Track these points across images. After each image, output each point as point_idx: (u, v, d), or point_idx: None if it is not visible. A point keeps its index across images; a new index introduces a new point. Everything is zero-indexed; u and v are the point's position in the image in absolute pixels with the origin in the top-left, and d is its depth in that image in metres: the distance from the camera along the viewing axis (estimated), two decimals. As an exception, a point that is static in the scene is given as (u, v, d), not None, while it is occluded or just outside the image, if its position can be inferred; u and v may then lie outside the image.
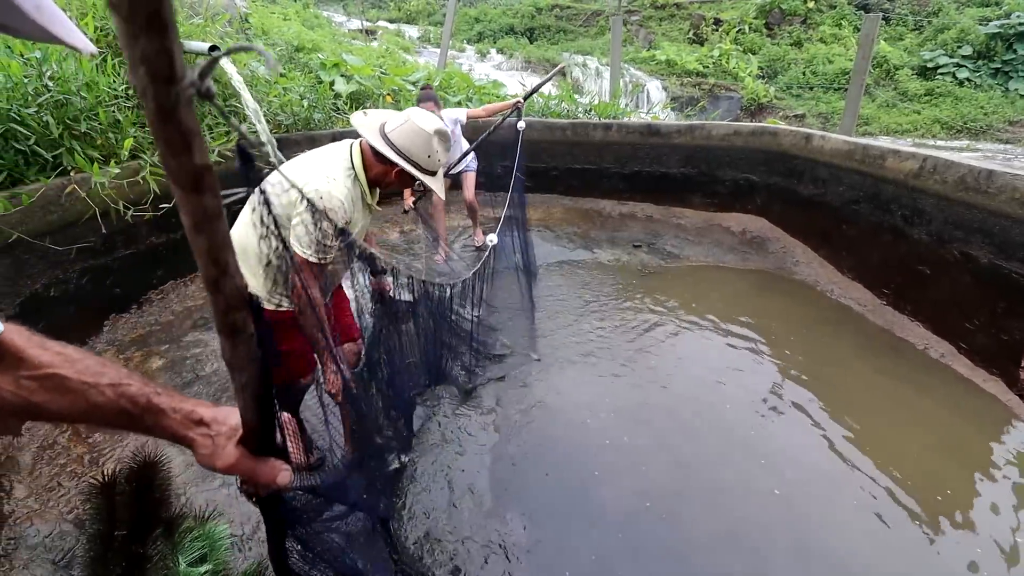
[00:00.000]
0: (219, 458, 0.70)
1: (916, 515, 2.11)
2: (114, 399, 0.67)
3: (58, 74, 2.80)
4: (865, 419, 2.61)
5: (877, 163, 3.77)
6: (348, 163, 1.76)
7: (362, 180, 1.78)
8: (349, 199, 1.70)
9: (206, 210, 0.50)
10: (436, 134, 1.76)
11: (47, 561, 1.78)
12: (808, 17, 15.84)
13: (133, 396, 0.68)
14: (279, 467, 0.73)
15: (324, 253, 1.67)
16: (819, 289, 3.95)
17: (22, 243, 2.54)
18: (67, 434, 2.40)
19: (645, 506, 2.13)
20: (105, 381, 0.67)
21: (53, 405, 0.65)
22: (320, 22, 11.42)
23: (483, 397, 2.75)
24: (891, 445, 2.46)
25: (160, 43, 0.40)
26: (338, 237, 1.58)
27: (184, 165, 0.47)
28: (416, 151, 1.74)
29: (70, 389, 0.66)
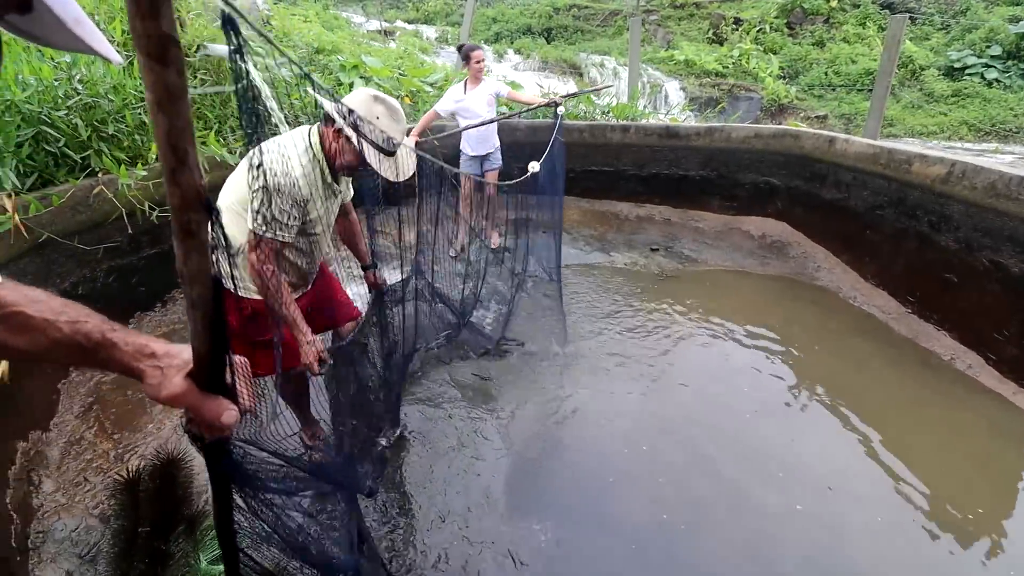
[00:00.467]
0: (165, 388, 0.70)
1: (945, 533, 2.06)
2: (71, 335, 0.69)
3: (87, 77, 2.86)
4: (890, 431, 2.56)
5: (903, 168, 3.69)
6: (306, 143, 1.78)
7: (320, 159, 1.79)
8: (307, 179, 1.71)
9: (168, 86, 0.50)
10: (376, 98, 1.75)
11: (73, 555, 1.83)
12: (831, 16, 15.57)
13: (88, 332, 0.69)
14: (225, 405, 0.72)
15: (280, 229, 1.69)
16: (841, 296, 3.89)
17: (52, 243, 2.60)
18: (94, 430, 2.46)
19: (662, 517, 2.11)
20: (64, 319, 0.69)
21: (13, 343, 0.68)
22: (339, 23, 11.53)
23: (499, 400, 2.75)
24: (918, 459, 2.40)
25: None
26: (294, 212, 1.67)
27: (150, 30, 0.47)
28: (357, 112, 1.72)
29: (31, 327, 0.67)
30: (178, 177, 0.53)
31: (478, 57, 4.12)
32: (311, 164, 1.75)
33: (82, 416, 2.51)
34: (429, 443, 2.46)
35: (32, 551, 1.80)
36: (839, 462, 2.39)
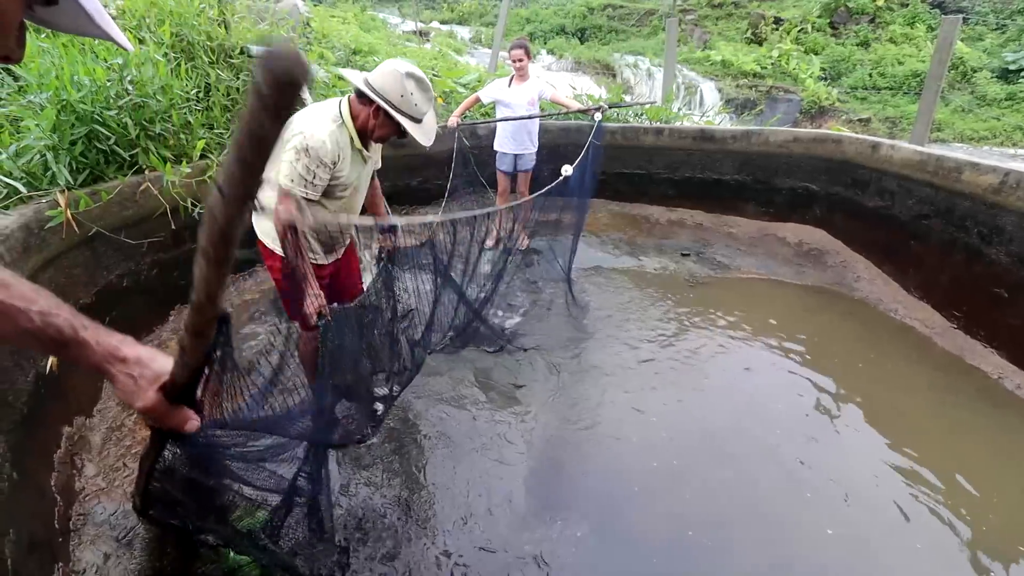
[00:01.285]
0: (139, 399, 0.76)
1: (991, 564, 1.96)
2: (42, 327, 0.71)
3: (137, 78, 2.98)
4: (932, 453, 2.45)
5: (952, 176, 3.53)
6: (336, 111, 1.94)
7: (349, 126, 1.93)
8: (333, 140, 1.86)
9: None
10: (408, 75, 1.86)
11: (111, 538, 1.90)
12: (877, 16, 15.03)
13: (60, 327, 0.72)
14: (188, 416, 0.81)
15: (305, 187, 1.86)
16: (882, 308, 3.74)
17: (100, 236, 2.71)
18: (133, 417, 2.56)
19: (686, 534, 2.07)
20: (35, 308, 0.71)
21: None
22: (376, 24, 11.71)
23: (523, 404, 2.75)
24: (962, 484, 2.30)
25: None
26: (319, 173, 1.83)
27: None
28: (389, 89, 1.86)
29: (1, 312, 0.69)
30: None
31: (514, 56, 4.12)
32: (339, 130, 1.90)
33: (123, 403, 2.61)
34: (453, 444, 2.47)
35: (73, 532, 1.88)
36: (876, 484, 2.30)
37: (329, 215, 2.05)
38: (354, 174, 2.04)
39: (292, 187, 1.86)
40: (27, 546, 1.57)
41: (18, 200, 2.38)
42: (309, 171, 1.84)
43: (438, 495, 2.19)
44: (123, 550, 1.87)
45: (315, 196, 1.91)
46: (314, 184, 1.87)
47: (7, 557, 1.42)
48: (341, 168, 1.94)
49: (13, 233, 2.16)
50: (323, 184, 1.91)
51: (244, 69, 4.08)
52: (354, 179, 2.06)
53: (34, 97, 2.63)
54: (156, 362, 0.78)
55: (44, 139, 2.50)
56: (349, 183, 2.04)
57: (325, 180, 1.90)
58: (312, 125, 1.84)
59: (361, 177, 2.13)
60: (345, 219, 2.11)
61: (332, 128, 1.88)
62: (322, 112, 1.92)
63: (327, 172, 1.88)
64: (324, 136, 1.83)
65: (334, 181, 1.97)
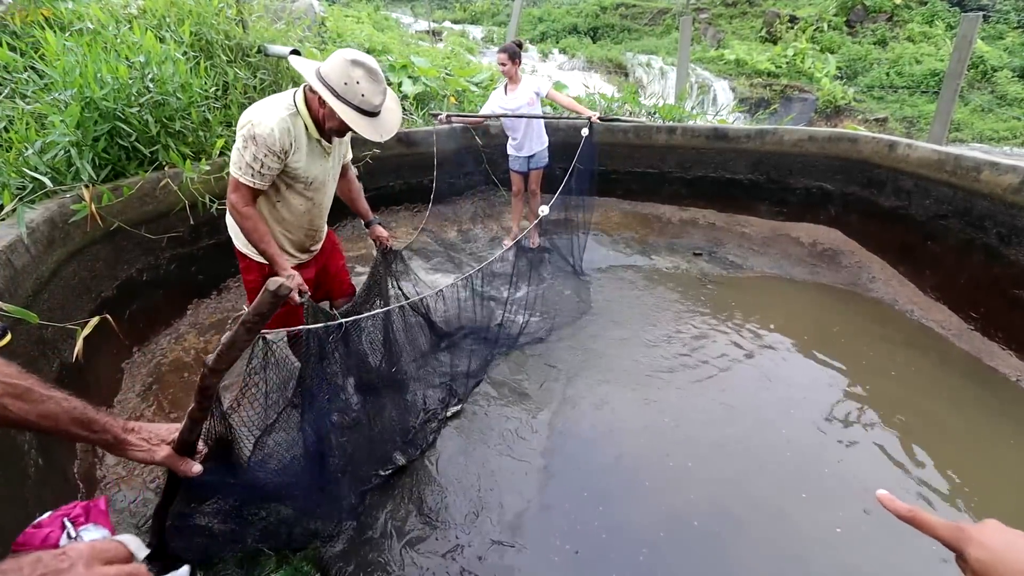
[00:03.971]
0: (157, 455, 1.06)
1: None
2: (69, 409, 0.90)
3: (158, 76, 3.03)
4: (948, 455, 2.43)
5: (971, 176, 3.49)
6: (290, 100, 1.91)
7: (304, 116, 1.91)
8: (283, 129, 1.83)
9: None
10: (354, 63, 1.80)
11: (131, 526, 1.95)
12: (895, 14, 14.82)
13: (81, 409, 0.92)
14: (191, 464, 1.13)
15: (252, 176, 1.85)
16: (897, 308, 3.70)
17: (122, 231, 2.77)
18: (152, 408, 2.61)
19: (695, 529, 2.07)
20: (59, 395, 0.90)
21: (15, 407, 0.84)
22: (389, 24, 11.78)
23: (535, 401, 2.76)
24: (981, 487, 2.27)
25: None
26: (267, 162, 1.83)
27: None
28: (334, 77, 1.80)
29: (32, 398, 0.86)
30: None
31: (499, 59, 4.09)
32: (291, 119, 1.86)
33: (143, 394, 2.66)
34: (464, 438, 2.49)
35: (97, 518, 1.93)
36: (889, 486, 2.29)
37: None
38: (315, 167, 2.00)
39: (240, 175, 1.84)
40: (52, 530, 1.61)
41: (43, 195, 2.44)
42: (256, 160, 1.82)
43: (450, 489, 2.21)
44: (143, 536, 1.89)
45: (263, 185, 1.88)
46: (261, 173, 1.85)
47: (35, 539, 1.46)
48: (297, 160, 1.91)
49: (39, 227, 2.22)
50: (272, 174, 1.88)
51: (261, 67, 4.14)
52: (316, 173, 2.02)
53: (59, 94, 2.69)
54: (160, 429, 1.09)
55: (68, 135, 2.55)
56: (310, 177, 2.00)
57: (275, 169, 1.87)
58: (261, 114, 1.82)
59: (326, 172, 2.08)
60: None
61: (283, 116, 1.84)
62: (275, 102, 1.89)
63: (276, 161, 1.85)
64: (272, 124, 1.80)
65: (292, 174, 1.94)
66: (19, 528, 1.42)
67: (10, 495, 1.45)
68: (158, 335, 3.10)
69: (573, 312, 3.60)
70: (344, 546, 1.95)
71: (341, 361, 1.96)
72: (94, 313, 2.57)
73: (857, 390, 2.86)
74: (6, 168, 2.39)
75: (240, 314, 1.04)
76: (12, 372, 0.85)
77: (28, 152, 2.50)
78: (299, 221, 2.12)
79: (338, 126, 1.86)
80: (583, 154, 3.72)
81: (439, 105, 5.96)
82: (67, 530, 0.98)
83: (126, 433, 1.01)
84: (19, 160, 2.47)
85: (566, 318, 3.52)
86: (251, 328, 1.02)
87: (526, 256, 3.56)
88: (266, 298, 0.98)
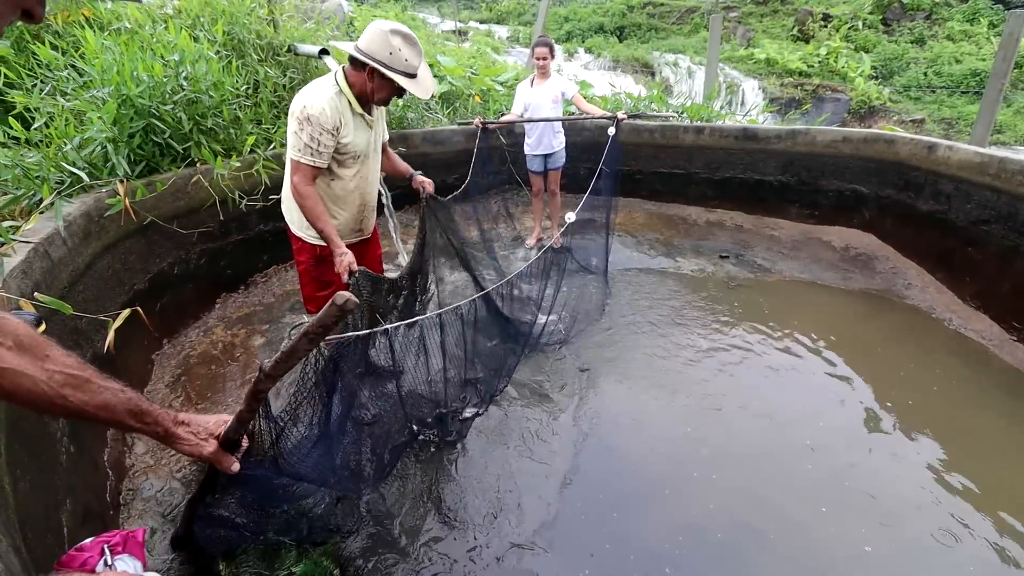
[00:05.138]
0: (205, 449, 1.08)
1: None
2: (124, 401, 0.92)
3: (192, 75, 3.10)
4: (988, 470, 2.32)
5: (1016, 179, 3.33)
6: (333, 80, 2.02)
7: (347, 93, 2.02)
8: (332, 107, 1.95)
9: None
10: (393, 32, 1.91)
11: (158, 514, 1.99)
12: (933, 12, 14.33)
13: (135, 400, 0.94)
14: (233, 461, 1.16)
15: (312, 155, 1.96)
16: (934, 317, 3.56)
17: (154, 225, 2.84)
18: (181, 398, 2.67)
19: (717, 539, 2.02)
20: (115, 386, 0.91)
21: (75, 398, 0.85)
22: (416, 24, 11.86)
23: (556, 403, 2.73)
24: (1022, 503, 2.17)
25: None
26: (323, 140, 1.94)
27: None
28: (376, 48, 1.91)
29: (90, 389, 0.87)
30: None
31: (539, 54, 4.08)
32: (337, 97, 1.99)
33: (171, 385, 2.72)
34: (483, 439, 2.48)
35: (123, 506, 1.97)
36: (923, 502, 2.19)
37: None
38: (361, 140, 2.12)
39: (300, 156, 1.95)
40: (82, 516, 1.65)
41: (80, 189, 2.51)
42: (314, 139, 1.93)
43: (469, 489, 2.20)
44: (168, 526, 1.95)
45: (323, 164, 2.00)
46: (320, 152, 1.97)
47: (64, 526, 1.50)
48: (346, 134, 2.03)
49: (76, 220, 2.28)
50: (328, 151, 1.99)
51: (290, 66, 4.19)
52: (363, 146, 2.14)
53: (97, 92, 2.77)
54: (210, 423, 1.12)
55: (105, 132, 2.62)
56: (358, 150, 2.12)
57: (330, 147, 1.99)
58: (312, 96, 1.94)
59: (370, 144, 2.20)
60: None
61: (331, 95, 1.96)
62: (320, 84, 2.02)
63: (331, 139, 1.97)
64: (323, 104, 1.93)
65: (343, 149, 2.05)
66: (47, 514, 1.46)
67: (43, 482, 1.49)
68: (187, 328, 3.16)
69: (595, 314, 3.56)
70: (363, 543, 1.95)
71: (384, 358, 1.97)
72: (127, 305, 2.64)
73: (891, 401, 2.75)
74: (46, 163, 2.46)
75: (302, 323, 1.07)
76: (72, 363, 0.86)
77: (67, 147, 2.58)
78: (351, 197, 2.23)
79: (387, 95, 2.00)
80: (609, 156, 3.68)
81: (464, 104, 5.97)
82: (105, 557, 1.00)
83: (176, 426, 1.03)
84: (58, 155, 2.55)
85: (588, 320, 3.48)
86: (313, 339, 1.01)
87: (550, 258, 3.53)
88: (332, 311, 0.96)
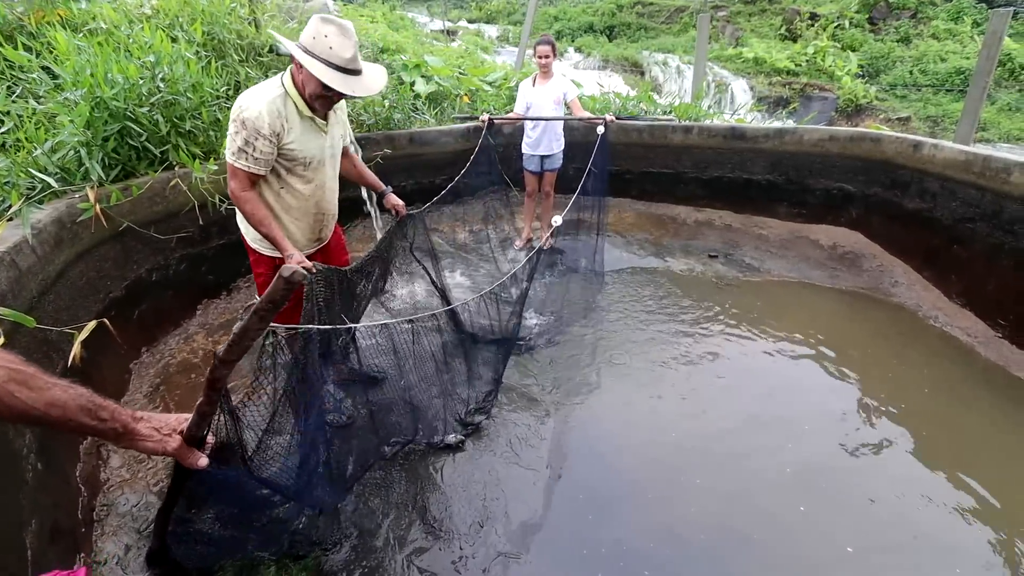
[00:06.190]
0: (169, 444, 1.05)
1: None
2: (75, 396, 0.87)
3: (169, 76, 3.03)
4: (972, 470, 2.32)
5: (1000, 177, 3.35)
6: (279, 82, 1.90)
7: (293, 95, 1.89)
8: (271, 111, 1.83)
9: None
10: (324, 19, 1.81)
11: (133, 530, 1.93)
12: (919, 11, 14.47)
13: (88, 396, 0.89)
14: (200, 456, 1.14)
15: (247, 160, 1.85)
16: (921, 315, 3.57)
17: (131, 231, 2.77)
18: (159, 409, 2.60)
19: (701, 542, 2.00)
20: (64, 382, 0.86)
21: (22, 395, 0.80)
22: (405, 23, 11.77)
23: (544, 406, 2.70)
24: (1009, 504, 2.16)
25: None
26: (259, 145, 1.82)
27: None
28: (305, 36, 1.82)
29: (37, 385, 0.82)
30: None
31: (541, 52, 4.06)
32: (280, 99, 1.86)
33: (150, 396, 2.66)
34: (469, 445, 2.44)
35: (96, 523, 1.91)
36: (911, 503, 2.19)
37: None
38: (311, 146, 1.98)
39: (235, 161, 1.85)
40: (50, 535, 1.59)
41: (51, 195, 2.43)
42: (249, 144, 1.82)
43: (454, 497, 2.16)
44: (144, 542, 1.89)
45: (259, 170, 1.88)
46: (256, 158, 1.85)
47: (28, 547, 1.45)
48: (291, 140, 1.90)
49: (46, 227, 2.22)
50: (267, 158, 1.87)
51: (272, 67, 4.13)
52: (314, 152, 1.99)
53: (70, 94, 2.70)
54: (169, 419, 1.09)
55: (77, 135, 2.55)
56: (309, 156, 1.98)
57: (268, 153, 1.86)
58: (250, 99, 1.83)
59: (323, 150, 2.05)
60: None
61: (271, 99, 1.84)
62: (265, 86, 1.90)
63: (269, 145, 1.85)
64: (260, 107, 1.81)
65: (289, 155, 1.92)
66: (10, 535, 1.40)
67: (3, 503, 1.43)
68: (167, 335, 3.09)
69: (584, 315, 3.53)
70: (346, 555, 1.91)
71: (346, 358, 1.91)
72: (102, 314, 2.58)
73: (876, 402, 2.75)
74: (15, 168, 2.39)
75: (252, 303, 1.01)
76: (14, 359, 0.82)
77: (38, 152, 2.51)
78: (305, 206, 2.10)
79: (315, 89, 1.84)
80: (598, 156, 3.65)
81: (452, 104, 5.92)
82: None
83: (136, 423, 0.98)
84: (29, 160, 2.48)
85: (577, 321, 3.45)
86: (264, 316, 1.00)
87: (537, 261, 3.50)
88: (279, 285, 0.95)
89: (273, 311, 0.99)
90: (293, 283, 0.96)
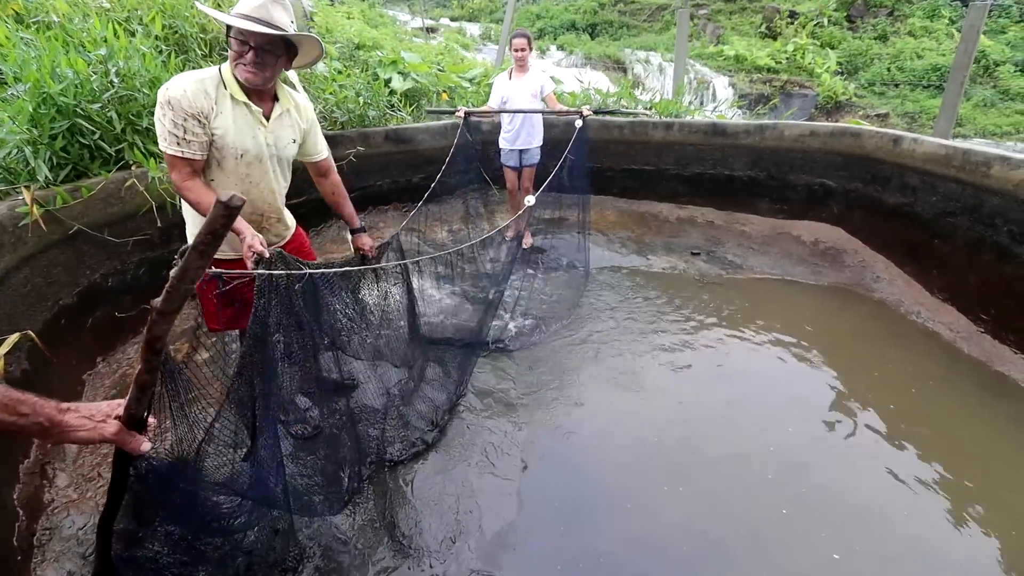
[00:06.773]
0: (105, 430, 0.98)
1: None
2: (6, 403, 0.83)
3: (124, 71, 2.87)
4: (956, 469, 2.27)
5: (980, 171, 3.32)
6: (216, 68, 1.82)
7: (227, 79, 1.79)
8: (198, 90, 1.72)
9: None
10: None
11: (77, 555, 1.79)
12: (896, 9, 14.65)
13: (3, 389, 0.85)
14: (142, 440, 1.06)
15: (179, 144, 1.72)
16: (902, 310, 3.54)
17: (83, 234, 2.61)
18: (115, 422, 2.45)
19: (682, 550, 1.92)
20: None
21: None
22: (383, 21, 11.60)
23: (520, 412, 2.60)
24: (997, 501, 2.11)
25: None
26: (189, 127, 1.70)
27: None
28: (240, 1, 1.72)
29: None
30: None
31: (516, 45, 3.97)
32: (212, 81, 1.77)
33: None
34: (441, 454, 2.33)
35: (36, 549, 1.77)
36: (895, 505, 2.13)
37: None
38: (244, 137, 1.83)
39: (167, 147, 1.72)
40: (-24, 567, 1.46)
41: (-9, 196, 2.28)
42: (177, 125, 1.69)
43: (425, 512, 2.05)
44: (89, 567, 1.76)
45: (195, 154, 1.74)
46: (187, 140, 1.72)
47: (-56, 584, 1.31)
48: (218, 125, 1.77)
49: (-17, 231, 2.06)
50: (199, 140, 1.74)
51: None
52: (248, 144, 1.84)
53: (13, 90, 2.54)
54: (100, 405, 1.01)
55: (19, 133, 2.39)
56: (239, 147, 1.82)
57: (200, 135, 1.73)
58: (176, 79, 1.72)
59: (262, 146, 1.88)
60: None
61: (200, 78, 1.74)
62: (199, 70, 1.80)
63: (198, 125, 1.72)
64: (185, 85, 1.70)
65: (218, 143, 1.78)
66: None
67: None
68: (125, 344, 2.94)
69: (564, 315, 3.44)
70: (305, 573, 1.79)
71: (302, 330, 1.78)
72: (51, 322, 2.43)
73: (859, 400, 2.70)
74: (-50, 168, 2.23)
75: (186, 246, 0.93)
76: None
77: (-24, 151, 2.35)
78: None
79: (237, 51, 1.72)
80: (575, 146, 3.57)
81: (431, 100, 5.79)
82: None
83: (62, 414, 0.91)
84: (-34, 160, 2.32)
85: (557, 321, 3.36)
86: (203, 252, 0.89)
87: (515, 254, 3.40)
88: (218, 211, 0.86)
89: (214, 244, 0.89)
90: (232, 208, 0.87)
